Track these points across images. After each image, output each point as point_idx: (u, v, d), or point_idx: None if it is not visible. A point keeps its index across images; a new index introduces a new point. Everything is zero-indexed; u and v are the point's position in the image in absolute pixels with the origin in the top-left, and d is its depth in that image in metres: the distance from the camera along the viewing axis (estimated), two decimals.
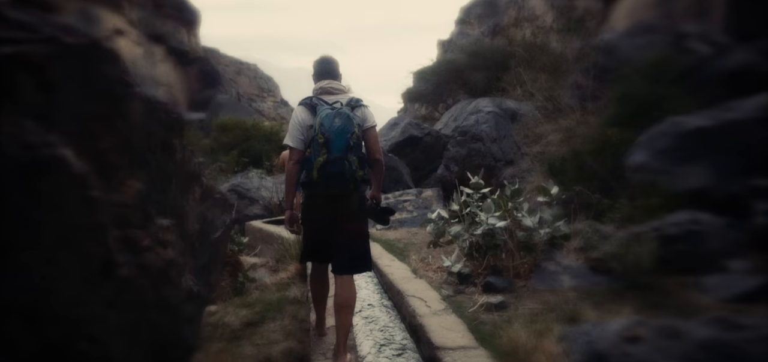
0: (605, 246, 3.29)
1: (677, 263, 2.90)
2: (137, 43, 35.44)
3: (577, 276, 3.19)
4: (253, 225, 6.62)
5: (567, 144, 5.28)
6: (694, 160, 3.75)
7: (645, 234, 3.09)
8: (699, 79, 4.99)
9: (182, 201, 2.50)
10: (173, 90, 38.34)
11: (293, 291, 3.98)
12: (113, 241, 1.51)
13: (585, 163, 4.65)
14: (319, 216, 2.35)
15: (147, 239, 1.80)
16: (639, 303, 2.53)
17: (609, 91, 5.57)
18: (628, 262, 2.88)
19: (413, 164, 9.74)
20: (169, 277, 2.04)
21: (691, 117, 4.11)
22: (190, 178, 2.62)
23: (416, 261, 4.32)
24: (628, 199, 3.72)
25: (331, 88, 2.41)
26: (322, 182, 2.23)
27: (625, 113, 4.97)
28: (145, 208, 1.82)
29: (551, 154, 5.42)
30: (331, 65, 2.51)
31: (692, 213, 3.20)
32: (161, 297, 1.98)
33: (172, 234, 2.15)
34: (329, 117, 2.23)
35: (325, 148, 2.21)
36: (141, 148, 1.74)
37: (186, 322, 2.43)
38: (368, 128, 2.35)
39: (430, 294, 2.87)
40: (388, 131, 10.25)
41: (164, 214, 2.10)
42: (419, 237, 5.59)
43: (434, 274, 3.97)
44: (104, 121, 1.42)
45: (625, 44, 6.71)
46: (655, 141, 4.12)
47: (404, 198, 7.82)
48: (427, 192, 8.05)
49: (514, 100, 10.10)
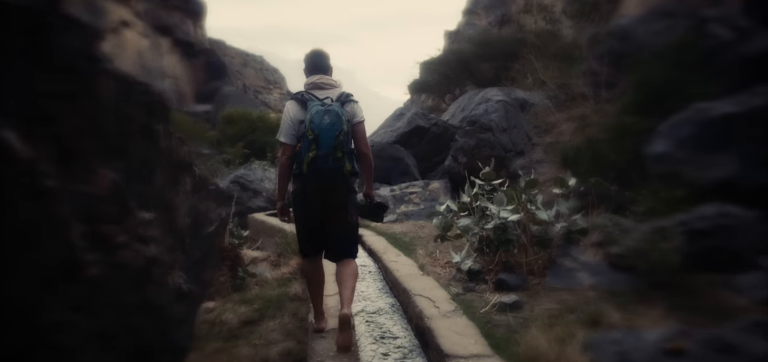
0: (626, 241, 3.06)
1: (706, 260, 2.68)
2: (143, 35, 35.44)
3: (596, 274, 2.98)
4: (255, 218, 6.45)
5: (581, 133, 5.04)
6: (720, 149, 3.51)
7: (670, 229, 2.86)
8: (720, 65, 4.72)
9: (170, 192, 2.32)
10: (179, 82, 38.38)
11: (294, 287, 3.81)
12: (78, 238, 1.33)
13: (601, 152, 4.41)
14: (309, 208, 2.44)
15: (123, 235, 1.61)
16: (667, 304, 2.31)
17: (625, 78, 5.31)
18: (652, 259, 2.66)
19: (420, 155, 9.53)
20: (152, 276, 1.86)
21: (717, 103, 3.85)
22: (180, 167, 2.43)
23: (423, 256, 4.12)
24: (649, 191, 3.48)
25: (321, 83, 2.46)
26: (312, 176, 2.32)
27: (643, 101, 4.72)
28: (122, 201, 1.64)
29: (564, 143, 5.19)
30: (322, 59, 2.55)
31: (721, 206, 2.97)
32: (143, 299, 1.80)
33: (156, 229, 1.97)
34: (319, 113, 2.29)
35: (315, 144, 2.28)
36: (115, 134, 1.55)
37: (175, 324, 2.25)
38: (357, 123, 2.42)
39: (438, 293, 2.67)
40: (394, 121, 10.04)
41: (147, 207, 1.92)
42: (426, 231, 5.39)
43: (442, 270, 3.78)
44: (64, 100, 1.23)
45: (642, 29, 6.42)
46: (678, 129, 3.87)
47: (411, 191, 7.63)
48: (434, 184, 7.84)
49: (524, 89, 9.84)
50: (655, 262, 2.64)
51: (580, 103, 6.38)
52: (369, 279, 3.68)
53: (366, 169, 2.51)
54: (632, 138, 4.35)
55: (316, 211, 2.43)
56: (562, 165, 5.06)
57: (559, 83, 7.47)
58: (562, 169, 4.95)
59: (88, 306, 1.46)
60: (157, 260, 1.90)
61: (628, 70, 5.28)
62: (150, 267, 1.84)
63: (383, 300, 3.14)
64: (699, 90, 4.14)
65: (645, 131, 4.22)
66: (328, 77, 2.51)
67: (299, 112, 2.41)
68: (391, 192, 7.68)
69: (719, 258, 2.65)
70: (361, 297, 3.19)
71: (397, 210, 7.04)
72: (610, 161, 4.25)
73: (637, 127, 4.49)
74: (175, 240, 2.38)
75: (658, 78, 4.71)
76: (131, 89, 1.64)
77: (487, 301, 2.73)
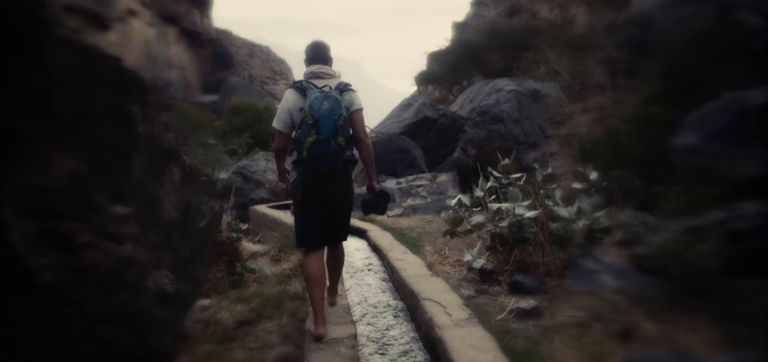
0: (654, 241, 2.80)
1: (748, 264, 2.40)
2: (150, 24, 35.34)
3: (622, 277, 2.71)
4: (257, 210, 6.25)
5: (599, 124, 4.74)
6: (757, 141, 3.22)
7: (705, 229, 2.59)
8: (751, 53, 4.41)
9: (153, 184, 2.09)
10: (186, 72, 38.31)
11: (294, 285, 3.58)
12: (20, 239, 1.10)
13: (622, 144, 4.13)
14: (309, 195, 2.46)
15: (87, 233, 1.39)
16: (708, 313, 2.05)
17: (647, 67, 5.01)
18: (686, 262, 2.39)
19: (427, 147, 9.26)
20: (127, 279, 1.63)
21: (752, 92, 3.55)
22: (165, 156, 2.20)
23: (431, 253, 3.88)
24: (679, 187, 3.21)
25: (321, 73, 2.51)
26: (311, 161, 2.35)
27: (668, 90, 4.42)
28: (85, 193, 1.41)
29: (581, 135, 4.89)
30: (322, 50, 2.61)
31: (763, 203, 2.69)
32: (114, 306, 1.58)
33: (133, 225, 1.74)
34: (318, 99, 2.34)
35: (315, 129, 2.31)
36: (73, 114, 1.32)
37: (158, 330, 2.03)
38: (355, 111, 2.47)
39: (449, 297, 2.43)
40: (401, 112, 9.77)
41: (122, 201, 1.69)
42: (434, 226, 5.15)
43: (452, 269, 3.54)
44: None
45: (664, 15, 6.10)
46: (709, 120, 3.57)
47: (418, 184, 7.37)
48: (442, 177, 7.58)
49: (535, 80, 9.51)
50: (690, 265, 2.37)
51: (596, 93, 6.07)
52: (373, 279, 3.45)
53: (366, 158, 2.54)
54: (656, 129, 4.07)
55: (316, 198, 2.45)
56: (578, 158, 4.79)
57: (573, 73, 7.12)
58: (579, 161, 4.68)
59: (40, 320, 1.24)
60: (132, 260, 1.67)
61: (651, 59, 4.99)
62: (123, 270, 1.61)
63: (388, 303, 2.90)
64: (729, 79, 3.85)
65: (670, 122, 3.93)
66: (327, 67, 2.56)
67: (298, 100, 2.44)
68: (398, 185, 7.43)
69: (763, 261, 2.38)
70: (365, 300, 2.96)
71: (403, 203, 6.80)
72: (632, 154, 3.97)
73: (661, 117, 4.20)
74: (160, 237, 2.16)
75: (685, 66, 4.41)
76: (94, 62, 1.40)
77: (503, 306, 2.48)
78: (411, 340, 2.28)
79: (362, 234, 4.82)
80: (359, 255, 4.12)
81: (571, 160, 5.11)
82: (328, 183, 2.41)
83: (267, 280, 3.98)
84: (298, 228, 2.60)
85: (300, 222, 2.57)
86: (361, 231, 4.88)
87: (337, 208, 2.51)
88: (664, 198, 3.33)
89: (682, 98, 4.46)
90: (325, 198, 2.44)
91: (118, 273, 1.58)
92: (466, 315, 2.12)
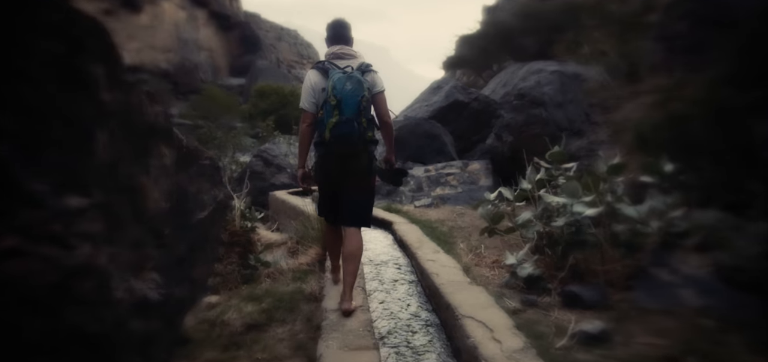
0: (747, 249, 2.27)
1: None
2: (180, 7, 35.66)
3: (707, 292, 2.21)
4: (277, 197, 5.91)
5: (660, 108, 4.15)
6: None
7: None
8: None
9: (133, 168, 1.71)
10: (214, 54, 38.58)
11: (311, 283, 3.20)
12: None
13: (691, 132, 3.54)
14: (331, 174, 2.47)
15: (9, 237, 1.00)
16: None
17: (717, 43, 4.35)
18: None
19: (457, 133, 8.71)
20: (80, 292, 1.26)
21: None
22: (149, 133, 1.82)
23: (465, 252, 3.43)
24: None
25: (342, 53, 2.50)
26: (333, 142, 2.32)
27: (745, 69, 3.79)
28: (9, 182, 1.02)
29: (637, 121, 4.30)
30: (344, 30, 2.58)
31: None
32: (60, 328, 1.20)
33: (95, 222, 1.36)
34: (341, 80, 2.32)
35: (337, 110, 2.29)
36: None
37: (134, 347, 1.66)
38: (377, 93, 2.45)
39: (495, 315, 1.97)
40: (430, 95, 9.24)
41: (80, 190, 1.32)
42: (467, 219, 4.68)
43: (490, 272, 3.08)
44: None
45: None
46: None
47: (447, 172, 6.88)
48: (474, 165, 7.06)
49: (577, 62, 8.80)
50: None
51: (650, 74, 5.42)
52: (400, 282, 3.01)
53: (387, 136, 2.56)
54: (734, 115, 3.47)
55: (337, 178, 2.45)
56: (634, 147, 4.21)
57: (622, 53, 6.44)
58: (635, 151, 4.12)
59: None
60: (90, 267, 1.29)
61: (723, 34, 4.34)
62: (76, 280, 1.24)
63: (418, 315, 2.43)
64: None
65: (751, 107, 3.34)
66: (349, 48, 2.54)
67: (320, 80, 2.42)
68: (426, 173, 6.96)
69: None
70: (390, 311, 2.51)
71: (432, 193, 6.34)
72: (705, 142, 3.39)
73: (738, 101, 3.60)
74: (144, 233, 1.78)
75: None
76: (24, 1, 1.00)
77: (560, 325, 2.02)
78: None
79: (387, 226, 4.40)
80: (384, 252, 3.70)
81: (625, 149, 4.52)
82: (350, 161, 2.40)
83: (282, 275, 3.62)
84: (320, 198, 2.66)
85: (322, 193, 2.63)
86: (387, 223, 4.46)
87: (356, 186, 2.46)
88: (754, 196, 2.77)
89: (764, 79, 3.76)
90: (345, 177, 2.44)
91: (67, 285, 1.20)
92: (519, 343, 1.66)
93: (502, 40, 16.11)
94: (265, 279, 3.51)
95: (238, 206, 3.83)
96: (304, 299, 3.03)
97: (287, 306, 2.96)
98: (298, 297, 3.06)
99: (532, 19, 14.93)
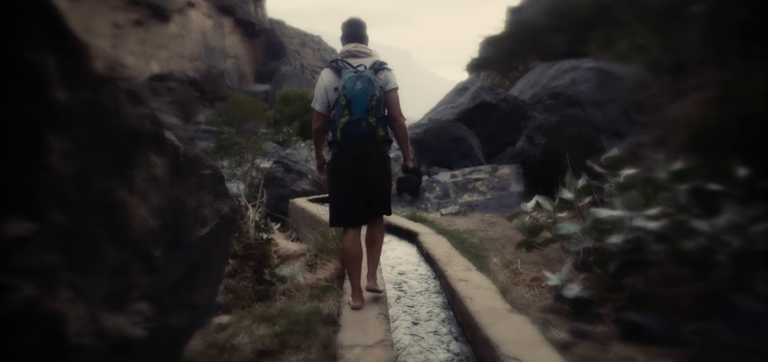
0: None
1: None
2: (207, 15, 36.41)
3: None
4: (296, 204, 5.67)
5: (719, 105, 3.69)
6: None
7: None
8: None
9: (111, 181, 1.45)
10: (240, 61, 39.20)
11: (329, 303, 2.91)
12: None
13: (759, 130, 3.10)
14: (345, 175, 2.45)
15: None
16: None
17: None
18: None
19: (484, 136, 8.32)
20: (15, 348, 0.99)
21: None
22: (133, 140, 1.56)
23: (500, 267, 3.08)
24: None
25: (356, 52, 2.49)
26: (345, 142, 2.32)
27: None
28: None
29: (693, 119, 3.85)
30: (358, 28, 2.57)
31: None
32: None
33: (45, 251, 1.10)
34: (352, 79, 2.31)
35: (347, 110, 2.29)
36: None
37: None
38: (390, 90, 2.43)
39: (544, 355, 1.62)
40: (455, 97, 8.88)
41: (27, 211, 1.06)
42: (498, 229, 4.31)
43: (529, 292, 2.73)
44: None
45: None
46: None
47: (475, 177, 6.51)
48: (504, 170, 6.66)
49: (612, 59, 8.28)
50: None
51: (700, 69, 4.93)
52: (425, 304, 2.65)
53: (401, 137, 2.51)
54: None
55: (351, 179, 2.43)
56: (689, 149, 3.76)
57: (665, 47, 5.94)
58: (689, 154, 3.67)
59: None
60: (35, 312, 1.03)
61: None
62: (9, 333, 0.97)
63: (449, 348, 2.05)
64: None
65: None
66: (363, 46, 2.53)
67: (333, 80, 2.42)
68: (452, 179, 6.60)
69: None
70: (417, 345, 2.13)
71: (459, 199, 5.97)
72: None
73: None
74: (128, 257, 1.52)
75: None
76: None
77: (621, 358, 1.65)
78: None
79: (413, 238, 4.06)
80: (409, 269, 3.36)
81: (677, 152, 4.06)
82: (363, 163, 2.38)
83: (299, 291, 3.35)
84: (333, 207, 2.58)
85: (335, 201, 2.55)
86: (412, 234, 4.13)
87: (373, 188, 2.47)
88: None
89: None
90: (359, 178, 2.42)
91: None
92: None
93: (529, 39, 15.65)
94: (281, 297, 3.24)
95: (252, 216, 3.58)
96: (321, 321, 2.74)
97: (302, 330, 2.67)
98: (315, 319, 2.77)
99: (562, 17, 14.43)
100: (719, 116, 3.49)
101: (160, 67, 30.65)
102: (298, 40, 46.34)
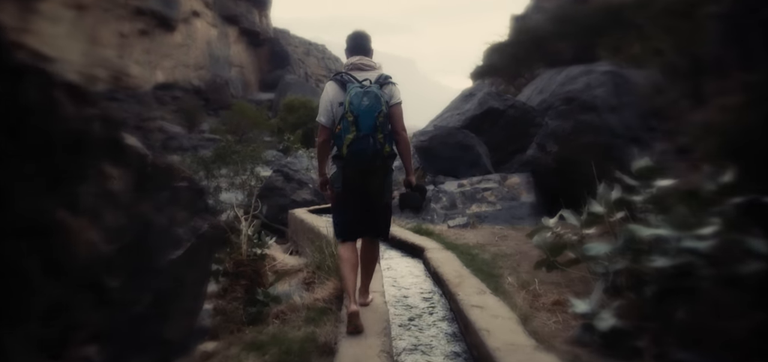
0: None
1: None
2: (212, 25, 36.51)
3: None
4: (295, 215, 5.39)
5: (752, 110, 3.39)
6: None
7: None
8: None
9: (49, 200, 1.19)
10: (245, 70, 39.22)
11: (326, 328, 2.62)
12: None
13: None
14: (349, 189, 2.44)
15: None
16: None
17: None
18: None
19: (492, 143, 8.02)
20: None
21: None
22: (79, 148, 1.29)
23: (516, 289, 2.78)
24: None
25: (362, 64, 2.50)
26: (351, 158, 2.33)
27: None
28: None
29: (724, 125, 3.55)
30: (364, 41, 2.59)
31: None
32: None
33: None
34: (358, 95, 2.31)
35: (354, 126, 2.29)
36: None
37: None
38: (394, 104, 2.44)
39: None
40: (461, 103, 8.60)
41: None
42: (511, 243, 4.00)
43: (551, 317, 2.43)
44: None
45: None
46: None
47: (484, 187, 6.21)
48: (514, 179, 6.35)
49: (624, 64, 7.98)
50: None
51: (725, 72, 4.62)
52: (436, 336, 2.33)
53: (404, 151, 2.51)
54: None
55: (356, 193, 2.43)
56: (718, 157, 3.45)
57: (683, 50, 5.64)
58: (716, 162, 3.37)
59: None
60: None
61: None
62: None
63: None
64: None
65: None
66: (368, 59, 2.54)
67: (338, 94, 2.41)
68: (460, 188, 6.31)
69: None
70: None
71: (467, 210, 5.67)
72: None
73: None
74: (69, 292, 1.25)
75: None
76: None
77: None
78: None
79: (419, 253, 3.76)
80: (415, 293, 3.05)
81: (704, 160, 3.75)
82: (367, 177, 2.37)
83: (294, 313, 3.05)
84: (335, 219, 2.61)
85: (338, 214, 2.58)
86: (417, 249, 3.83)
87: (376, 202, 2.47)
88: None
89: None
90: (363, 193, 2.42)
91: None
92: None
93: (534, 46, 15.42)
94: (273, 320, 2.95)
95: (244, 231, 3.30)
96: (317, 351, 2.44)
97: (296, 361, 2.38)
98: (310, 348, 2.47)
99: (568, 23, 14.19)
100: (754, 122, 3.18)
101: (165, 76, 30.66)
102: (303, 49, 46.41)
